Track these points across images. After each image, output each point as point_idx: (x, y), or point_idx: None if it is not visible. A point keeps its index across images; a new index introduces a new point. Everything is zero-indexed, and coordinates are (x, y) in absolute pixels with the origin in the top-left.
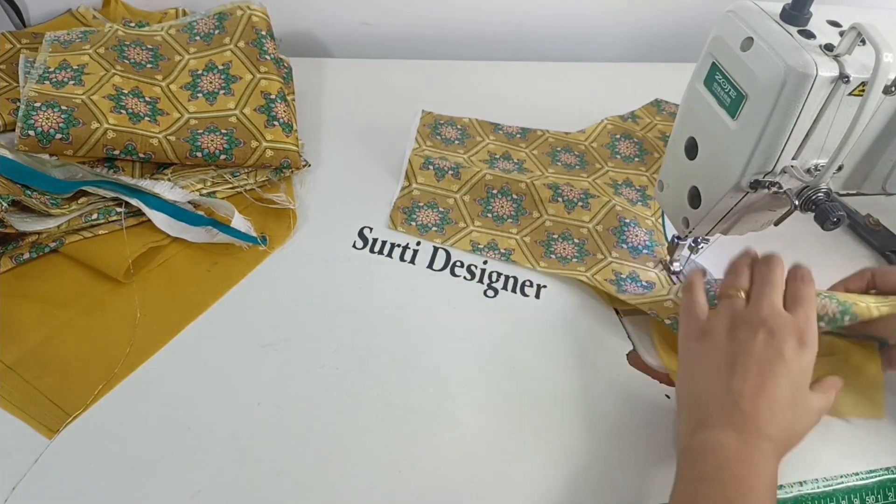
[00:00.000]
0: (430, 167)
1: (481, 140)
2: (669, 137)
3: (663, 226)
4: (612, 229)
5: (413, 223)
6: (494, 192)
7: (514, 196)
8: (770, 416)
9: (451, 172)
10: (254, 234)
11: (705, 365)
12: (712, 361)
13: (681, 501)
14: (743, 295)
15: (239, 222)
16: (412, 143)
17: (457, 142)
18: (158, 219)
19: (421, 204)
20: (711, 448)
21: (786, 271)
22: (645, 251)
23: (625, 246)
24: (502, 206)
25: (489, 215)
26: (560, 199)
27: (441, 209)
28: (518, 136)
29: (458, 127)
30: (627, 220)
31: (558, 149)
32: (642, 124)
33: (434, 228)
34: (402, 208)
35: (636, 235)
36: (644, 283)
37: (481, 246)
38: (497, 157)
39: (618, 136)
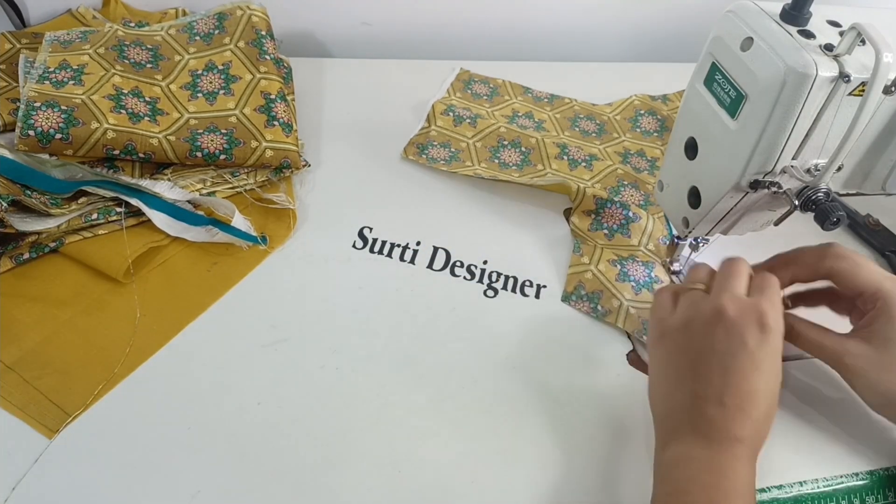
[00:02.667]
0: (451, 114)
1: (509, 99)
2: (670, 137)
3: None
4: (609, 188)
5: (424, 156)
6: (505, 143)
7: (524, 149)
8: (741, 416)
9: (468, 121)
10: (254, 234)
11: (667, 370)
12: (673, 365)
13: None
14: (702, 287)
15: (239, 221)
16: (441, 94)
17: (485, 97)
18: (158, 219)
19: (435, 143)
20: (681, 462)
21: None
22: (630, 214)
23: (615, 200)
24: (510, 156)
25: (496, 160)
26: (565, 158)
27: (452, 149)
28: (545, 100)
29: (491, 86)
30: (626, 183)
31: (581, 116)
32: (671, 106)
33: (442, 161)
34: (416, 143)
35: (631, 196)
36: (632, 215)
37: (484, 178)
38: (520, 114)
39: (642, 112)
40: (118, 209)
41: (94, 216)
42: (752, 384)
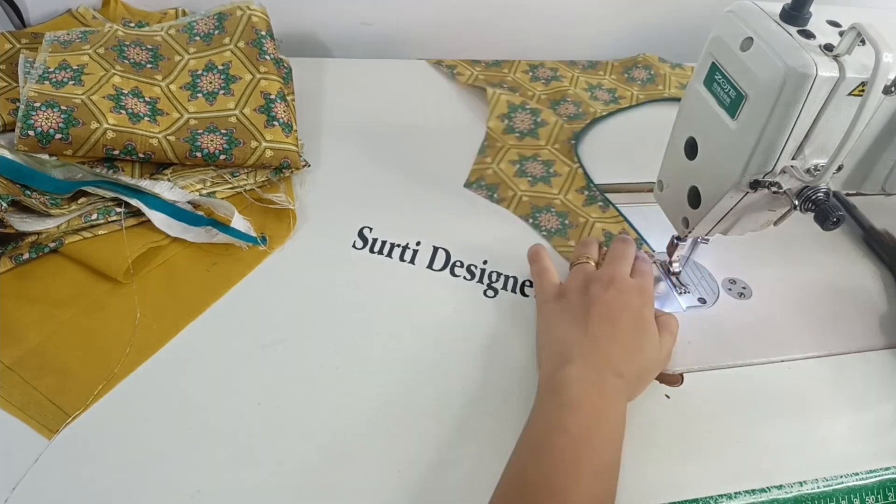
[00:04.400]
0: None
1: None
2: (670, 136)
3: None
4: (551, 101)
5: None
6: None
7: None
8: (622, 357)
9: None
10: (254, 235)
11: (563, 317)
12: (569, 313)
13: (543, 423)
14: (592, 263)
15: (239, 222)
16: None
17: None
18: (158, 219)
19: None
20: (573, 380)
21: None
22: (539, 119)
23: (527, 106)
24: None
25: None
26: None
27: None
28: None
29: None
30: (569, 100)
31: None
32: (679, 73)
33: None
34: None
35: (565, 109)
36: (540, 120)
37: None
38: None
39: (640, 65)
40: (118, 209)
41: (94, 216)
42: (632, 336)
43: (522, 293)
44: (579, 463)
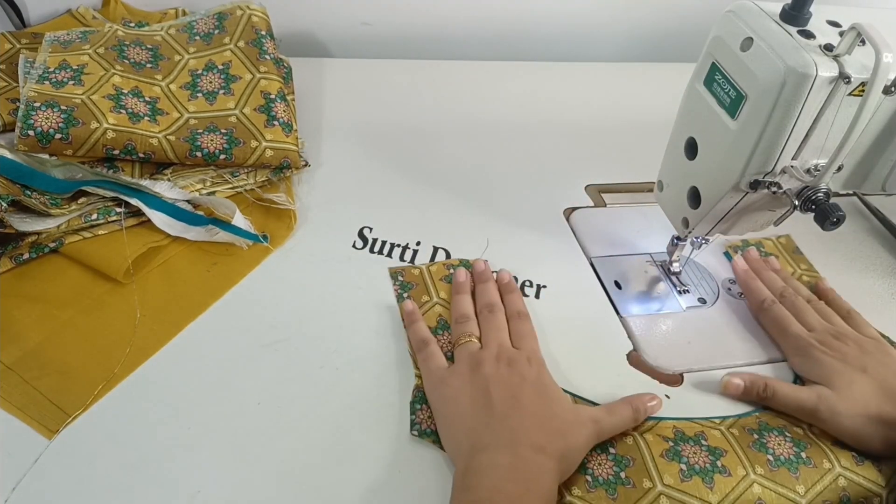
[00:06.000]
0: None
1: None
2: (670, 136)
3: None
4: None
5: None
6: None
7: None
8: (535, 427)
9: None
10: (254, 233)
11: (461, 400)
12: (466, 395)
13: None
14: (475, 340)
15: (240, 220)
16: None
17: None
18: (158, 219)
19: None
20: (486, 469)
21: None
22: None
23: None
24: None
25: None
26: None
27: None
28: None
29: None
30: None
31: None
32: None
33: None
34: None
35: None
36: None
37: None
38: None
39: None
40: (118, 209)
41: (94, 216)
42: (537, 404)
43: (522, 293)
44: None
